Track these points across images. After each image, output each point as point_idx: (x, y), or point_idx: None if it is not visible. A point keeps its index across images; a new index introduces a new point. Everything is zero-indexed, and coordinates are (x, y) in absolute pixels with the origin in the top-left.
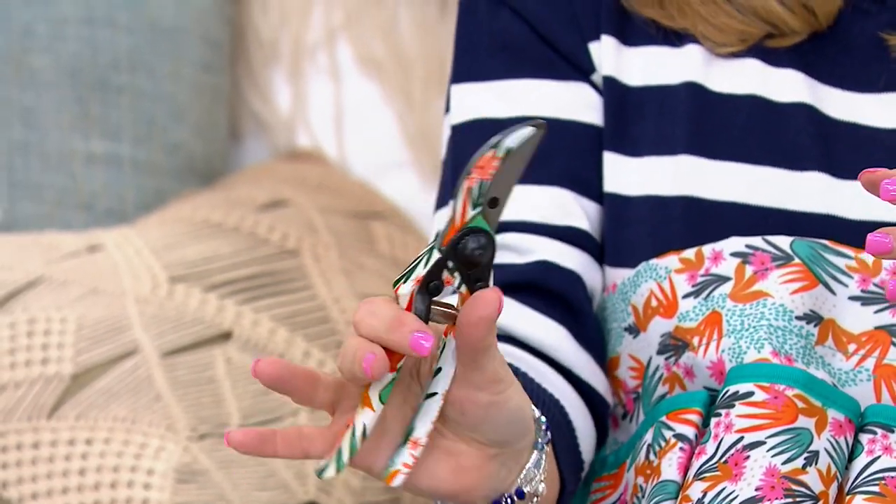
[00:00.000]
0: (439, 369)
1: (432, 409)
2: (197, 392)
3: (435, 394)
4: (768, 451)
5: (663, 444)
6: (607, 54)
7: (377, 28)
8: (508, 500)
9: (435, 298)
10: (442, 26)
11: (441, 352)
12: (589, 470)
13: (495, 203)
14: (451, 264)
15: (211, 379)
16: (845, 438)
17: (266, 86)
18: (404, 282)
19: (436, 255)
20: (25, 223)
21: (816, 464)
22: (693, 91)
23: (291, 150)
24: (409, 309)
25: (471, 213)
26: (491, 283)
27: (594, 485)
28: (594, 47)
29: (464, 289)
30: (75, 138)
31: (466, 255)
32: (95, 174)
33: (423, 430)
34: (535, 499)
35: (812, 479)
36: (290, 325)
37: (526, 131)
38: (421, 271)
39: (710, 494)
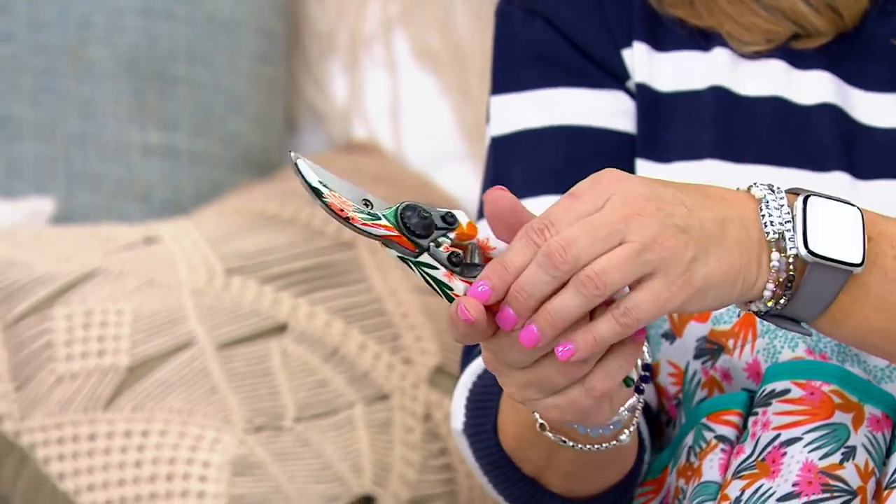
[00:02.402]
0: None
1: None
2: (253, 384)
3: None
4: (805, 446)
5: (704, 445)
6: (640, 61)
7: (433, 20)
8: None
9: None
10: None
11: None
12: None
13: (367, 203)
14: (432, 247)
15: (267, 371)
16: (883, 434)
17: (323, 77)
18: (447, 288)
19: (426, 257)
20: (82, 215)
21: (854, 459)
22: (718, 95)
23: (348, 142)
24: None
25: (377, 220)
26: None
27: (637, 489)
28: (627, 54)
29: (451, 236)
30: (132, 130)
31: (421, 227)
32: (152, 165)
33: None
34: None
35: (849, 474)
36: (346, 318)
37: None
38: (441, 271)
39: (748, 492)
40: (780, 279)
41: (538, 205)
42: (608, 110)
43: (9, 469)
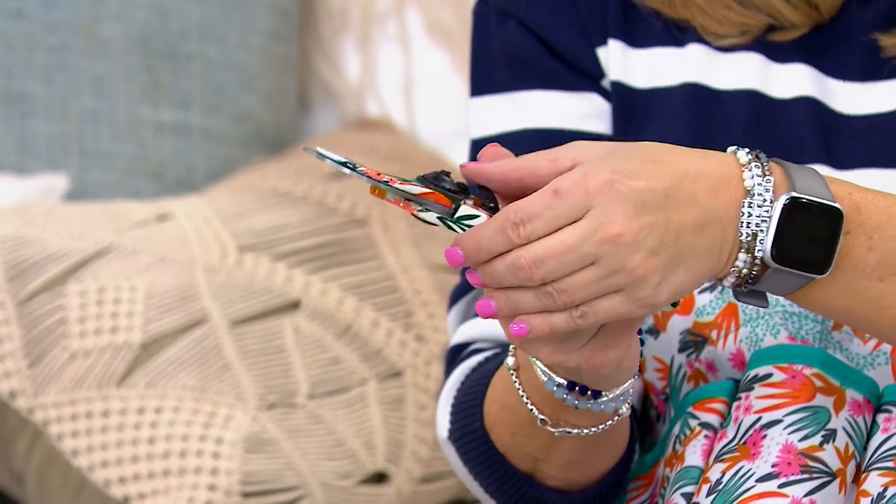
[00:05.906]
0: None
1: None
2: (265, 361)
3: None
4: (785, 428)
5: (688, 432)
6: (615, 58)
7: None
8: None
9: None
10: None
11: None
12: None
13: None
14: (465, 200)
15: (279, 348)
16: (864, 419)
17: (335, 54)
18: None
19: (464, 209)
20: (95, 192)
21: (834, 441)
22: (692, 91)
23: (360, 119)
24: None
25: (401, 185)
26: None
27: (630, 484)
28: (602, 52)
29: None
30: (145, 107)
31: (454, 185)
32: (165, 143)
33: None
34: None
35: (829, 456)
36: (359, 295)
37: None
38: (482, 217)
39: (729, 474)
40: (742, 275)
41: None
42: (580, 113)
43: (22, 445)
